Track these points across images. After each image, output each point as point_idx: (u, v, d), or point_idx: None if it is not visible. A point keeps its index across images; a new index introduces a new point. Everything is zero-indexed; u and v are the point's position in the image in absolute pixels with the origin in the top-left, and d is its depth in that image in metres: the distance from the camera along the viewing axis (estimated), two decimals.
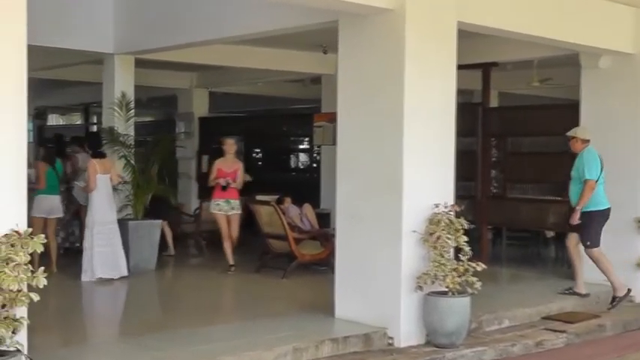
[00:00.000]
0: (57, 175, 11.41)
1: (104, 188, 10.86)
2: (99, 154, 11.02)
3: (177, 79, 17.15)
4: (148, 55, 12.12)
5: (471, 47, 10.51)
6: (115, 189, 11.13)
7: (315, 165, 16.92)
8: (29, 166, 6.81)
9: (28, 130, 6.73)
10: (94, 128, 23.36)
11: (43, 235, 5.11)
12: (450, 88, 7.95)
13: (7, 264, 4.87)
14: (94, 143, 11.71)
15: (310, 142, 16.94)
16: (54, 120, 26.69)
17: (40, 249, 5.03)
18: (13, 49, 5.21)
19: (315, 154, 17.02)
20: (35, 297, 4.99)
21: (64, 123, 26.71)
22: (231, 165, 11.53)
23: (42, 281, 4.98)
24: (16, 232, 5.02)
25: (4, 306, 4.94)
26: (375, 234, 7.77)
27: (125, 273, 10.79)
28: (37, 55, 5.72)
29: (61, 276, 10.63)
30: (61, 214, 11.45)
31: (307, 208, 12.56)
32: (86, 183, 11.03)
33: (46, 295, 5.21)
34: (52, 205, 11.22)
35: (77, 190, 12.16)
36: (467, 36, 8.37)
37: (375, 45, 7.82)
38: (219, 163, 11.53)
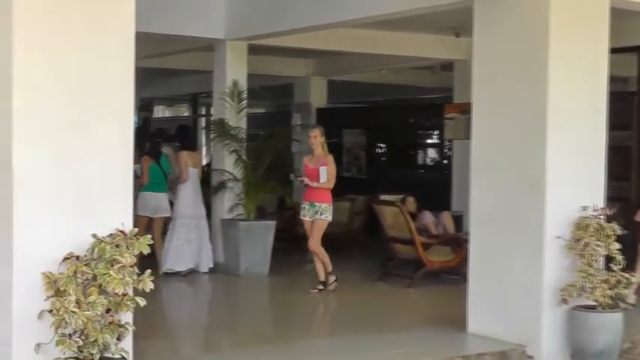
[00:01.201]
0: (162, 171, 11.67)
1: (192, 182, 11.55)
2: (188, 147, 11.52)
3: (294, 66, 17.30)
4: (262, 41, 12.29)
5: (625, 28, 10.21)
6: (226, 187, 11.41)
7: (445, 162, 16.77)
8: (135, 161, 7.03)
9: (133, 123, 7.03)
10: (203, 120, 23.90)
11: (149, 236, 5.26)
12: (600, 76, 7.75)
13: (112, 265, 5.02)
14: (184, 136, 12.41)
15: (440, 136, 16.81)
16: (160, 112, 27.39)
17: (146, 250, 5.18)
18: (120, 42, 5.40)
19: (445, 150, 16.87)
20: (142, 302, 5.14)
21: (170, 115, 27.38)
22: (318, 160, 10.77)
23: (148, 285, 5.12)
24: (121, 232, 5.18)
25: (108, 310, 5.10)
26: (514, 240, 7.66)
27: (206, 269, 11.51)
28: (142, 42, 5.89)
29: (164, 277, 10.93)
30: (167, 214, 11.76)
31: (446, 216, 12.31)
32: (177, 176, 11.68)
33: (148, 297, 5.34)
34: (158, 203, 11.50)
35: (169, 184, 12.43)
36: (620, 15, 8.14)
37: (515, 27, 7.71)
38: (306, 159, 11.02)
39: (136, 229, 5.26)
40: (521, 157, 7.64)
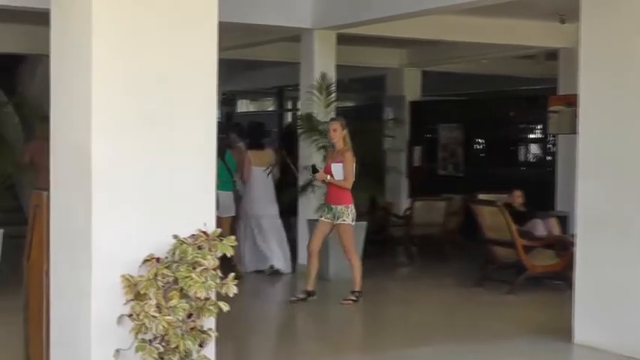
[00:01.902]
0: (228, 169, 11.78)
1: (261, 181, 11.85)
2: (255, 146, 11.66)
3: (385, 57, 17.26)
4: (352, 30, 12.29)
5: None
6: (313, 185, 11.46)
7: (549, 158, 16.52)
8: None
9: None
10: (289, 115, 24.02)
11: (233, 237, 5.29)
12: None
13: (194, 268, 5.06)
14: (253, 134, 12.52)
15: (543, 131, 16.57)
16: (244, 106, 27.62)
17: (230, 252, 5.21)
18: (203, 33, 5.44)
19: (549, 145, 16.62)
20: (225, 307, 5.18)
21: (254, 109, 27.59)
22: (336, 156, 10.28)
23: (232, 289, 5.16)
24: (204, 233, 5.22)
25: (190, 315, 5.14)
26: (627, 243, 7.50)
27: (288, 270, 11.74)
28: (225, 32, 5.93)
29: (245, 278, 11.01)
30: (233, 213, 11.92)
31: (553, 222, 12.13)
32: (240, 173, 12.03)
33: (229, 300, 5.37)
34: (223, 202, 11.61)
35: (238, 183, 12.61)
36: None
37: (628, 10, 7.54)
38: (328, 154, 10.66)
39: (220, 230, 5.29)
40: (636, 152, 7.46)
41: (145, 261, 5.10)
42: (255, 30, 12.44)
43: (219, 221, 11.39)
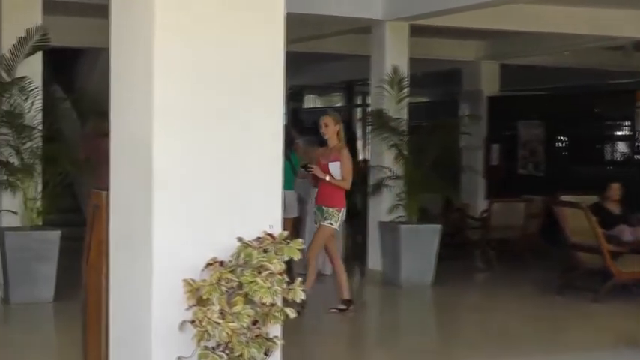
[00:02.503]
0: (292, 167, 11.84)
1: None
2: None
3: (461, 49, 17.18)
4: (425, 21, 12.25)
5: None
6: (385, 185, 11.49)
7: (638, 157, 16.30)
8: None
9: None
10: (358, 110, 24.02)
11: (301, 240, 5.29)
12: None
13: (259, 273, 5.07)
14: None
15: (632, 127, 16.35)
16: (311, 101, 27.69)
17: (297, 256, 5.21)
18: (270, 25, 5.44)
19: (638, 143, 16.40)
20: (291, 313, 5.18)
21: (322, 105, 27.65)
22: (330, 154, 9.95)
23: (299, 294, 5.16)
24: (270, 235, 5.23)
25: (255, 322, 5.15)
26: None
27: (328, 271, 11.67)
28: (292, 24, 5.94)
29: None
30: (295, 214, 12.00)
31: None
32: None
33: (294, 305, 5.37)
34: (287, 202, 11.68)
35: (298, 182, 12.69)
36: None
37: None
38: (319, 152, 10.35)
39: (286, 232, 5.29)
40: None
41: (208, 264, 5.12)
42: (324, 21, 12.46)
43: (284, 222, 11.55)
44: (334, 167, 9.73)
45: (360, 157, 21.44)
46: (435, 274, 11.69)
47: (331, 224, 9.68)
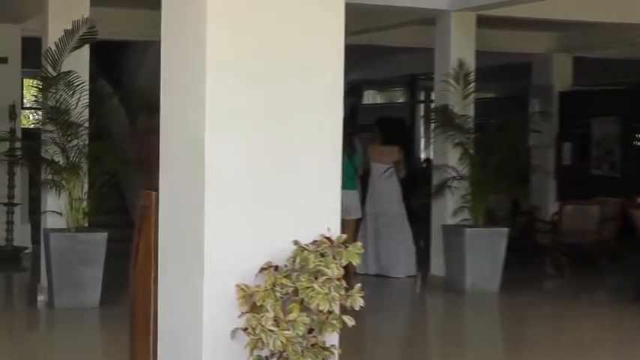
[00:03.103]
0: (354, 166, 11.89)
1: (383, 178, 12.35)
2: (383, 141, 11.99)
3: (532, 41, 17.04)
4: (493, 11, 12.17)
5: None
6: (449, 186, 11.49)
7: None
8: None
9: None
10: (421, 106, 23.96)
11: (360, 244, 5.28)
12: None
13: (316, 278, 5.06)
14: (382, 129, 13.21)
15: None
16: (370, 97, 27.67)
17: (356, 260, 5.21)
18: (328, 16, 5.43)
19: None
20: (350, 321, 5.17)
21: (382, 101, 27.61)
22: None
23: (358, 301, 5.15)
24: (327, 238, 5.23)
25: (311, 330, 5.15)
26: None
27: (412, 272, 12.40)
28: (351, 15, 5.93)
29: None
30: (359, 215, 12.21)
31: None
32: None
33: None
34: (349, 202, 11.71)
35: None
36: None
37: None
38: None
39: (345, 236, 5.28)
40: None
41: (262, 269, 5.12)
42: (385, 12, 12.43)
43: (344, 224, 11.63)
44: None
45: (422, 157, 21.45)
46: (501, 280, 11.62)
47: None
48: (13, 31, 14.43)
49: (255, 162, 5.29)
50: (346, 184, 11.63)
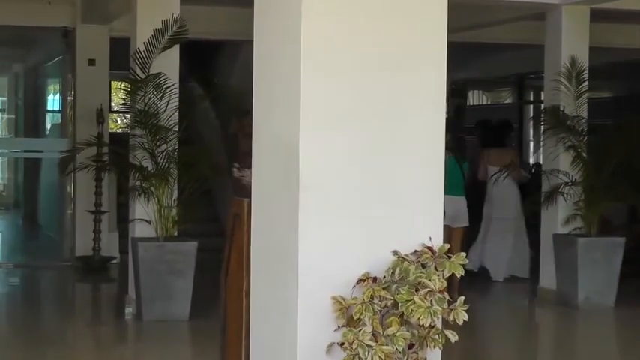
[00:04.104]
0: (462, 170, 11.88)
1: (499, 182, 12.66)
2: (491, 144, 12.15)
3: None
4: (609, 4, 12.00)
5: None
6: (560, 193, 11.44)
7: None
8: None
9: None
10: (530, 107, 23.74)
11: (464, 254, 5.25)
12: None
13: (417, 290, 5.05)
14: (483, 132, 13.81)
15: None
16: (475, 98, 27.50)
17: (460, 272, 5.17)
18: (429, 12, 5.42)
19: None
20: (453, 336, 5.14)
21: (488, 102, 27.43)
22: None
23: (462, 315, 5.12)
24: (429, 248, 5.21)
25: (411, 346, 5.14)
26: None
27: (525, 275, 12.84)
28: (454, 11, 5.90)
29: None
30: (466, 223, 12.25)
31: None
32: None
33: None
34: (457, 209, 11.68)
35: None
36: None
37: None
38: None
39: (447, 245, 5.25)
40: None
41: (360, 280, 5.13)
42: (492, 8, 12.36)
43: (450, 232, 11.65)
44: None
45: (531, 161, 21.27)
46: (617, 294, 11.45)
47: None
48: (101, 33, 14.66)
49: (352, 167, 5.29)
50: (453, 189, 11.69)
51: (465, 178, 12.17)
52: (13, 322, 10.93)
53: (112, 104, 20.61)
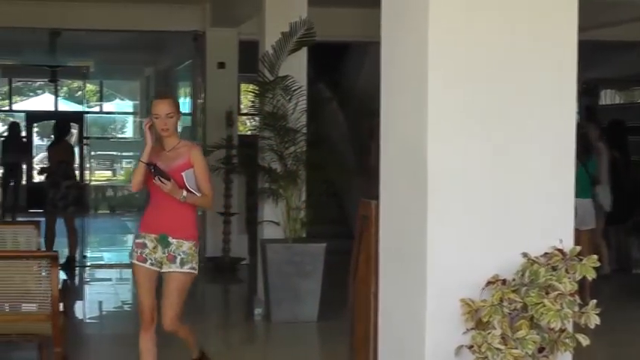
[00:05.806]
0: (587, 172, 11.73)
1: None
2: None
3: None
4: None
5: None
6: None
7: None
8: None
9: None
10: None
11: (596, 256, 5.18)
12: None
13: (547, 293, 5.00)
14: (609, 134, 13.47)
15: None
16: (607, 97, 27.03)
17: (591, 275, 5.11)
18: (559, 10, 5.35)
19: None
20: (585, 340, 5.08)
21: (621, 101, 26.93)
22: (174, 156, 7.22)
23: (594, 319, 5.06)
24: (560, 251, 5.16)
25: (541, 350, 5.10)
26: None
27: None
28: (586, 8, 5.82)
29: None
30: (592, 225, 12.03)
31: None
32: None
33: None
34: (584, 212, 11.54)
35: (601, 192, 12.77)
36: None
37: None
38: (149, 151, 7.12)
39: (579, 248, 5.19)
40: None
41: (489, 283, 5.11)
42: (625, 4, 12.15)
43: (578, 235, 11.52)
44: (188, 175, 7.10)
45: None
46: None
47: (194, 270, 7.10)
48: (230, 36, 14.84)
49: (481, 168, 5.27)
50: (578, 192, 11.57)
51: (591, 178, 11.97)
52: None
53: (241, 107, 20.83)
